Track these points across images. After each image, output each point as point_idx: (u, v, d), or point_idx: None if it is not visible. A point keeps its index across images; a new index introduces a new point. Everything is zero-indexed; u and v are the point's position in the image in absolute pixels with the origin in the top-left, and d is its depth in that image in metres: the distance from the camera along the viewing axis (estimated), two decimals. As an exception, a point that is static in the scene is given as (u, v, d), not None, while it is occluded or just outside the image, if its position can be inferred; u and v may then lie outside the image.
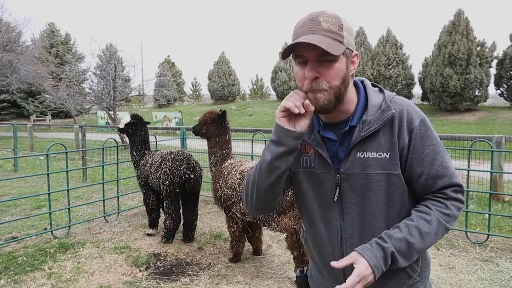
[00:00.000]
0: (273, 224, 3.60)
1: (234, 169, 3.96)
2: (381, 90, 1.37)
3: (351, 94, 1.32)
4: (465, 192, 4.99)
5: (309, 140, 1.35)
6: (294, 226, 3.41)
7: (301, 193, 1.42)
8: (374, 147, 1.28)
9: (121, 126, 5.21)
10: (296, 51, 1.22)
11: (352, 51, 1.26)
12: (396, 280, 1.34)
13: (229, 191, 3.92)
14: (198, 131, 4.29)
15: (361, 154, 1.28)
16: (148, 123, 5.42)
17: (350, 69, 1.27)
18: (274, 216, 3.54)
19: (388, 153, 1.27)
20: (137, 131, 5.19)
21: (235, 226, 4.12)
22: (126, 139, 5.84)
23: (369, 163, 1.28)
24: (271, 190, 1.32)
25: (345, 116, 1.33)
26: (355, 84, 1.36)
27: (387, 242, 1.22)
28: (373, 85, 1.39)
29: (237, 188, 3.84)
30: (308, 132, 1.35)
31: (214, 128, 4.17)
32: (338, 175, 1.32)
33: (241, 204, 3.82)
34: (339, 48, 1.19)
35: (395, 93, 1.38)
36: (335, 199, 1.33)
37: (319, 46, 1.15)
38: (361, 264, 1.19)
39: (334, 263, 1.22)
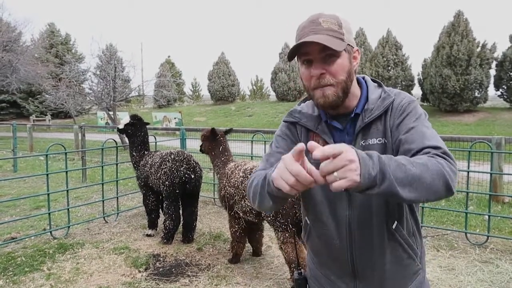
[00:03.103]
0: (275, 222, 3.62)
1: (237, 169, 4.03)
2: (379, 85, 1.45)
3: (355, 90, 1.39)
4: (465, 193, 4.94)
5: (317, 130, 1.41)
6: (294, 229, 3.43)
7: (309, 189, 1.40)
8: (374, 134, 1.34)
9: (121, 126, 5.20)
10: (301, 52, 1.30)
11: (353, 47, 1.34)
12: (404, 265, 1.38)
13: (232, 189, 3.97)
14: (201, 149, 4.63)
15: (364, 142, 1.34)
16: (148, 123, 5.40)
17: (353, 64, 1.35)
18: (277, 216, 3.55)
19: (384, 139, 1.33)
20: (136, 132, 5.18)
21: (236, 226, 4.14)
22: (126, 139, 5.84)
23: (370, 149, 1.29)
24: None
25: (349, 110, 1.39)
26: (358, 81, 1.43)
27: (372, 152, 1.04)
28: (373, 81, 1.47)
29: (239, 186, 3.89)
30: (316, 122, 1.41)
31: (208, 144, 4.45)
32: None
33: (243, 202, 3.86)
34: (340, 44, 1.27)
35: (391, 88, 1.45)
36: (343, 189, 1.29)
37: (322, 44, 1.23)
38: (342, 145, 0.99)
39: (311, 143, 0.99)
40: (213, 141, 4.42)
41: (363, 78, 1.47)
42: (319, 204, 1.41)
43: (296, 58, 1.34)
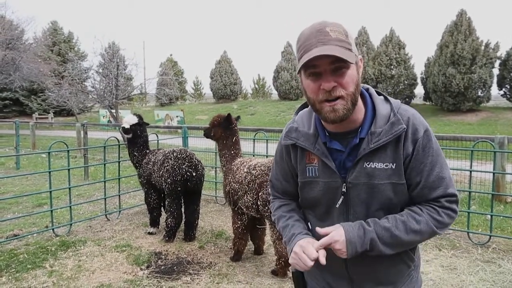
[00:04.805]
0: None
1: (243, 165, 4.04)
2: (386, 99, 1.38)
3: (359, 102, 1.32)
4: (468, 193, 4.90)
5: (314, 150, 1.37)
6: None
7: (308, 199, 1.46)
8: (381, 158, 1.30)
9: (127, 126, 5.16)
10: (308, 64, 1.22)
11: (358, 56, 1.28)
12: (397, 270, 1.41)
13: (236, 185, 3.99)
14: (207, 133, 4.44)
15: (368, 165, 1.31)
16: (148, 124, 5.47)
17: (360, 74, 1.29)
18: None
19: (394, 164, 1.30)
20: (143, 132, 5.22)
21: (239, 222, 4.14)
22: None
23: (375, 173, 1.31)
24: None
25: (353, 125, 1.34)
26: (361, 92, 1.36)
27: (371, 226, 1.29)
28: (378, 93, 1.40)
29: (243, 182, 3.91)
30: (312, 142, 1.38)
31: (221, 131, 4.27)
32: (344, 184, 1.35)
33: (245, 197, 3.87)
34: (351, 55, 1.21)
35: (400, 101, 1.39)
36: (337, 206, 1.38)
37: (334, 56, 1.17)
38: (338, 231, 1.28)
39: (318, 229, 1.32)
40: (226, 129, 4.25)
41: (367, 90, 1.40)
42: (319, 214, 1.45)
43: (299, 69, 1.26)
